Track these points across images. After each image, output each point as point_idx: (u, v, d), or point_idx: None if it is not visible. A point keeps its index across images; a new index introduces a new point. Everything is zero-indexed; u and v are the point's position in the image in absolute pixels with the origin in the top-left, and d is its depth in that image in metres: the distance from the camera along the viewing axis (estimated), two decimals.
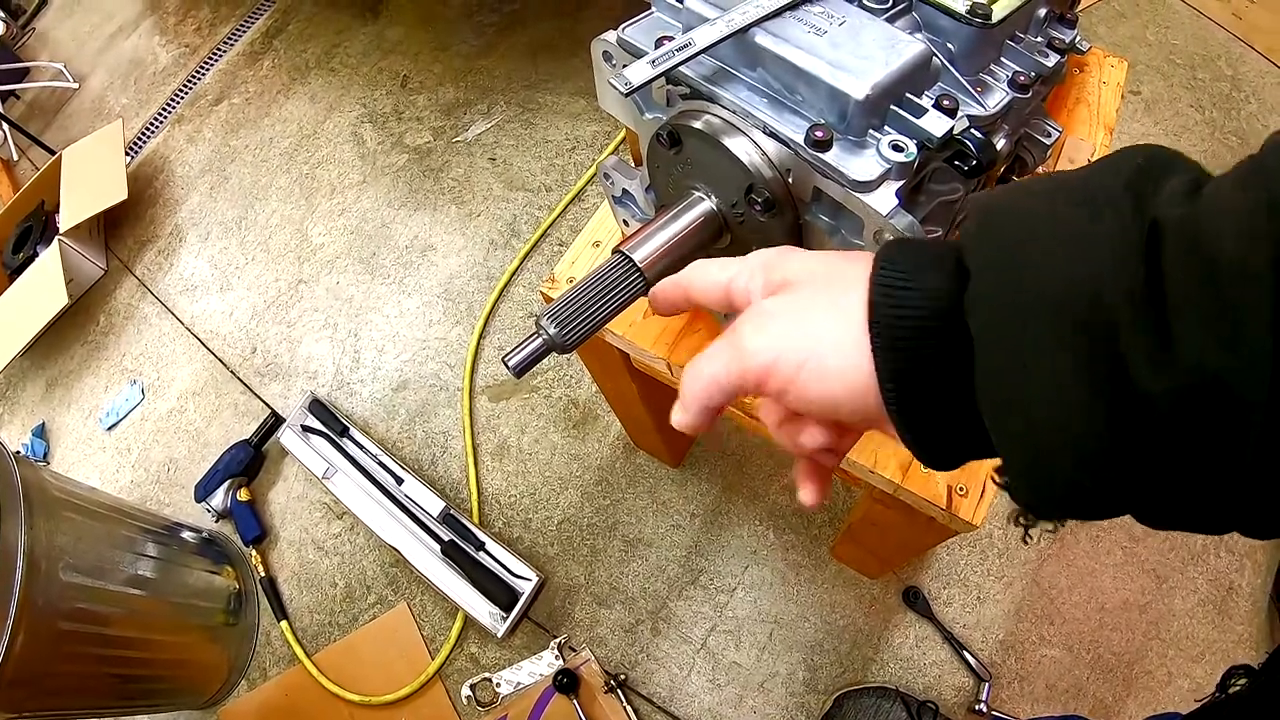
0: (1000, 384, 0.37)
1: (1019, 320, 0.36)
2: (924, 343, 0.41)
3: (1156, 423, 0.32)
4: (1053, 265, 0.35)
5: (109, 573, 1.58)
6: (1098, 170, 0.38)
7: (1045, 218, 0.37)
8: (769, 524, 1.82)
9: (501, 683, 1.74)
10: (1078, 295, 0.34)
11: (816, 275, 0.47)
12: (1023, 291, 0.36)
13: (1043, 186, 0.39)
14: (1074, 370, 0.34)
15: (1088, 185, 0.37)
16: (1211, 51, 2.48)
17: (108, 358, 2.46)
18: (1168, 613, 1.68)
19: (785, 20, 0.64)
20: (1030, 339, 0.35)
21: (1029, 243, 0.37)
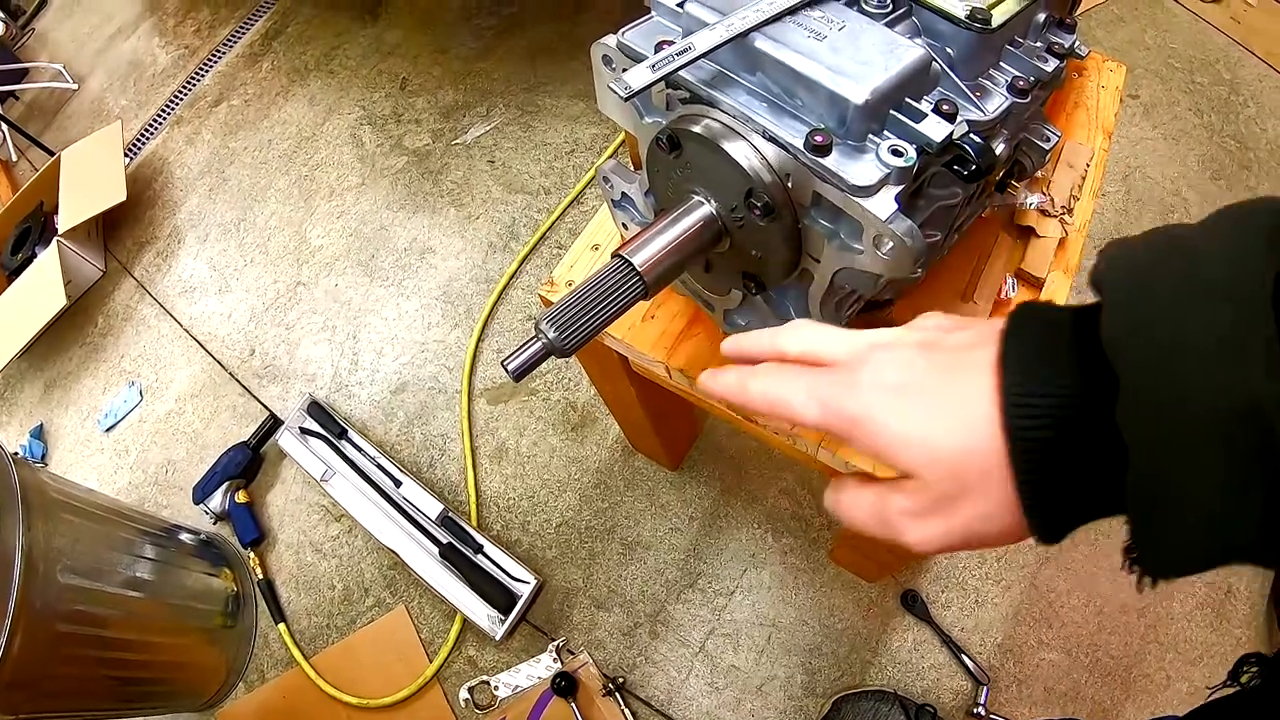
0: (1153, 490, 0.37)
1: (1178, 431, 0.35)
2: (1058, 447, 0.40)
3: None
4: (1198, 375, 0.34)
5: (107, 575, 1.58)
6: (1227, 243, 0.37)
7: (1190, 319, 0.36)
8: (767, 527, 1.82)
9: (499, 685, 1.74)
10: (1225, 408, 0.33)
11: (934, 361, 0.47)
12: (1175, 404, 0.35)
13: (1174, 267, 0.38)
14: (1229, 478, 0.33)
15: (1222, 266, 0.36)
16: (1210, 56, 2.49)
17: (106, 359, 2.46)
18: (1166, 616, 1.68)
19: (785, 25, 0.65)
20: (1183, 451, 0.35)
21: (1174, 350, 0.36)
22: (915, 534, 0.46)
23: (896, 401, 0.45)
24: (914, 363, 0.46)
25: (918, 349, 0.47)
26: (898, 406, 0.45)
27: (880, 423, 0.45)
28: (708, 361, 0.97)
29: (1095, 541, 1.75)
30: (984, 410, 0.42)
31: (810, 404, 0.48)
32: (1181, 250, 0.38)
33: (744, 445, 1.91)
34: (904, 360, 0.46)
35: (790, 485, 1.86)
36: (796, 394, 0.49)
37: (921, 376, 0.45)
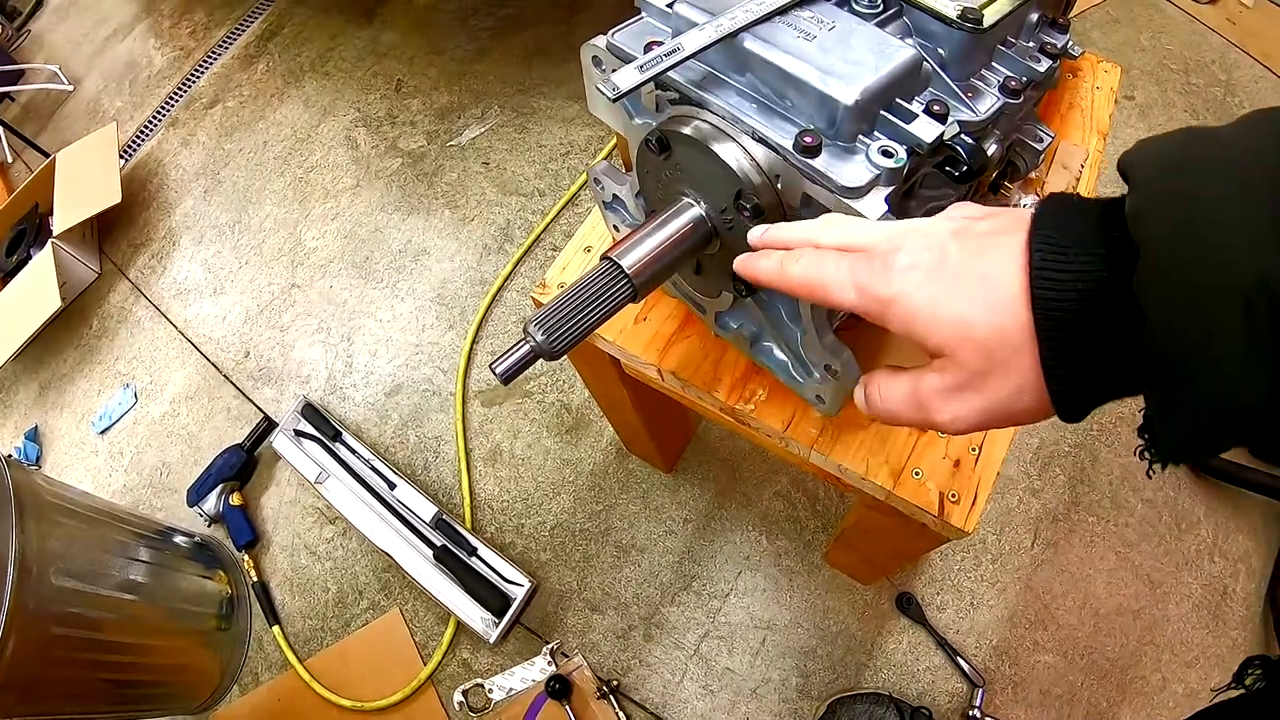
0: (1167, 359, 0.38)
1: (1188, 301, 0.36)
2: (1081, 320, 0.41)
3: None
4: (1222, 249, 0.36)
5: (101, 577, 1.57)
6: (1252, 138, 0.38)
7: (1209, 193, 0.37)
8: (762, 530, 1.82)
9: (494, 688, 1.73)
10: (1245, 278, 0.34)
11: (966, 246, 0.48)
12: (1192, 274, 0.36)
13: (1196, 152, 0.39)
14: (1243, 346, 0.35)
15: (1247, 156, 0.37)
16: (1205, 57, 2.49)
17: (101, 361, 2.46)
18: (1162, 618, 1.68)
19: (775, 25, 0.64)
20: (1206, 320, 0.36)
21: (1193, 225, 0.37)
22: (949, 412, 0.48)
23: (929, 283, 0.46)
24: (946, 246, 0.47)
25: (950, 235, 0.48)
26: (930, 288, 0.46)
27: (914, 304, 0.47)
28: (699, 364, 0.97)
29: (1091, 544, 1.75)
30: (1013, 289, 0.43)
31: (847, 286, 0.50)
32: (1208, 140, 0.40)
33: (738, 448, 1.91)
34: (937, 244, 0.47)
35: (784, 488, 1.85)
36: (834, 276, 0.51)
37: (954, 259, 0.46)
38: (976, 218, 0.49)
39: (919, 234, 0.49)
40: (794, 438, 0.92)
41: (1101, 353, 0.42)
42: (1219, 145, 0.39)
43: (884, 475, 0.89)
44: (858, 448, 0.90)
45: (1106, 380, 0.42)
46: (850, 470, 0.90)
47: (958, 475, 0.88)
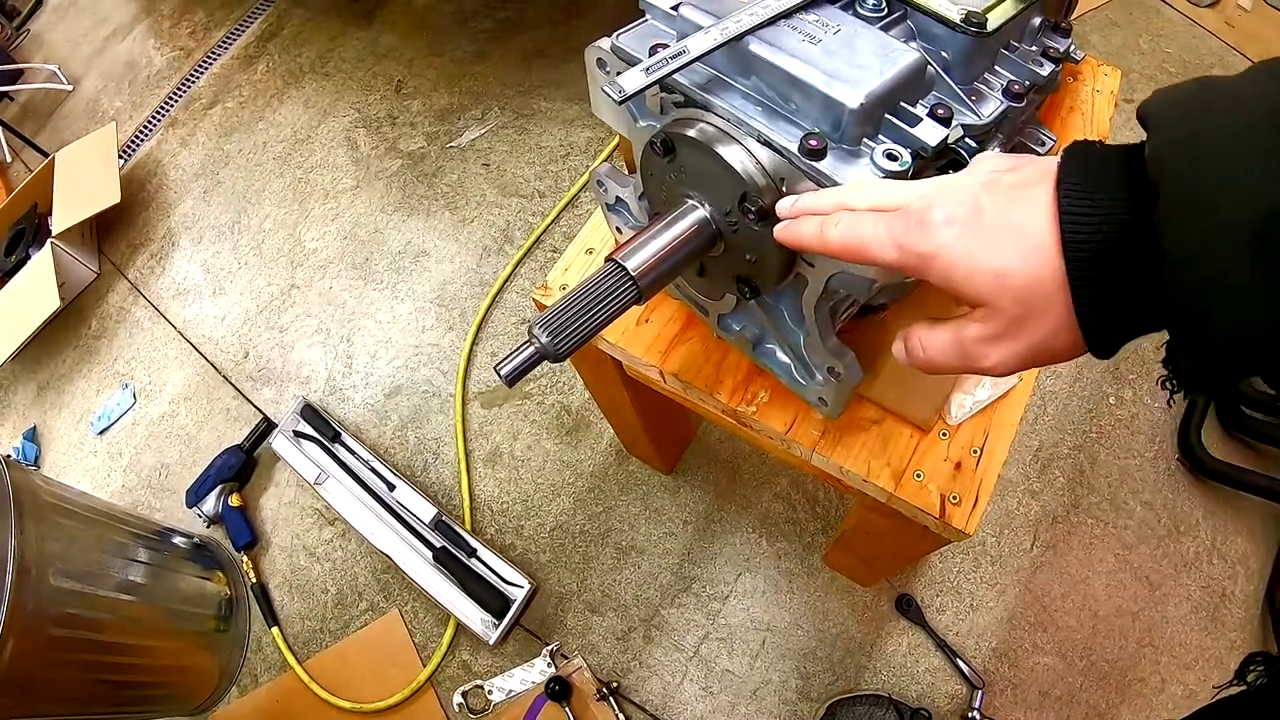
0: (1187, 294, 0.40)
1: (1204, 234, 0.38)
2: (1109, 261, 0.44)
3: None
4: (1231, 184, 0.38)
5: (100, 578, 1.57)
6: (1260, 84, 0.40)
7: (1222, 139, 0.39)
8: (761, 531, 1.82)
9: (493, 690, 1.73)
10: (1257, 210, 0.36)
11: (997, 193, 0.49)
12: (1214, 208, 0.38)
13: (1212, 102, 0.41)
14: (1254, 276, 0.37)
15: (1258, 102, 0.39)
16: (1204, 60, 2.49)
17: (99, 361, 2.45)
18: (1161, 620, 1.69)
19: (780, 28, 0.64)
20: (1219, 251, 0.38)
21: (1206, 165, 0.39)
22: (993, 358, 0.51)
23: (965, 237, 0.48)
24: (979, 199, 0.49)
25: (981, 188, 0.49)
26: (967, 242, 0.48)
27: (952, 258, 0.49)
28: (701, 366, 0.97)
29: (1090, 546, 1.75)
30: (1044, 238, 0.45)
31: (886, 245, 0.51)
32: (1219, 88, 0.42)
33: (738, 449, 1.91)
34: (969, 198, 0.49)
35: (784, 489, 1.85)
36: (873, 236, 0.52)
37: (988, 213, 0.48)
38: (1005, 169, 0.50)
39: (951, 189, 0.51)
40: (796, 440, 0.92)
41: (1129, 291, 0.44)
42: (1228, 91, 0.41)
43: (885, 477, 0.89)
44: (859, 450, 0.90)
45: (1134, 316, 0.45)
46: (852, 472, 0.90)
47: (959, 477, 0.88)
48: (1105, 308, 0.45)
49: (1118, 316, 0.45)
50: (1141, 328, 0.46)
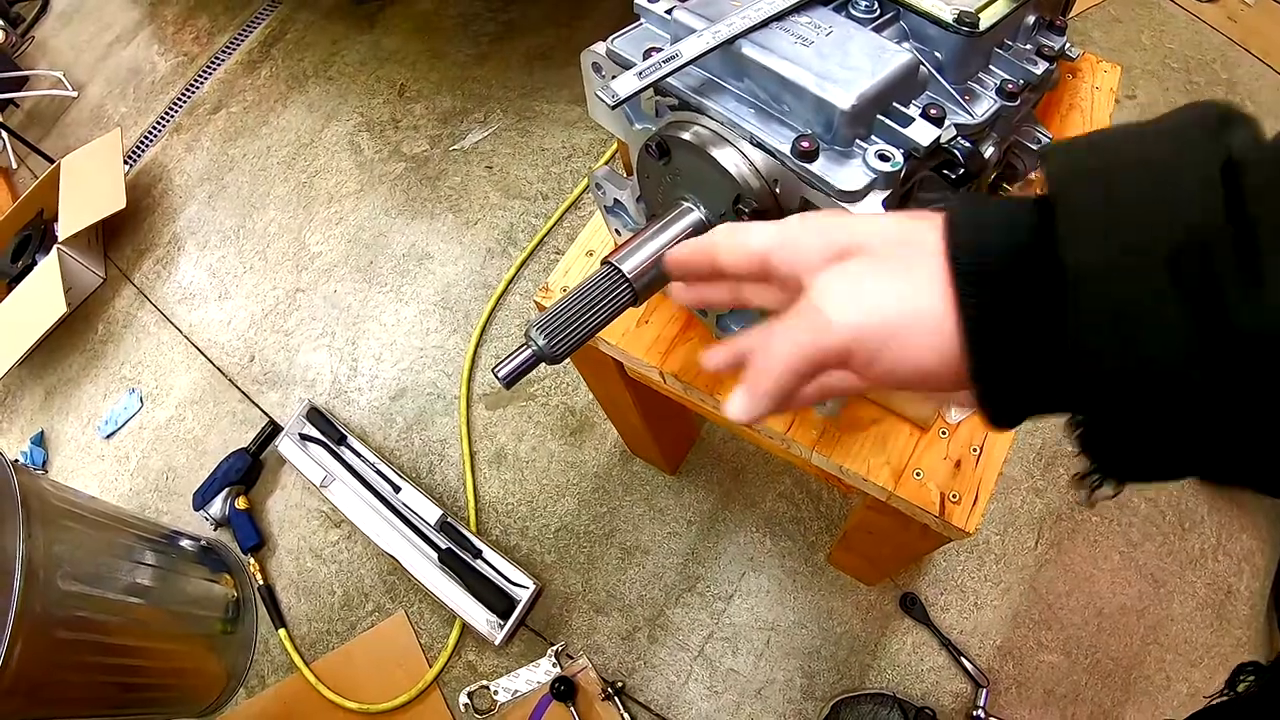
0: (1091, 320, 0.37)
1: (1112, 257, 0.36)
2: (1005, 279, 0.40)
3: (1249, 361, 0.32)
4: (1145, 204, 0.35)
5: (108, 581, 1.58)
6: (1173, 116, 0.38)
7: (1131, 161, 0.37)
8: (765, 531, 1.82)
9: (499, 690, 1.74)
10: (1173, 231, 0.34)
11: (889, 237, 0.45)
12: (1116, 230, 0.36)
13: (1124, 130, 0.40)
14: (1171, 305, 0.34)
15: (1168, 130, 0.38)
16: (1207, 55, 2.49)
17: (106, 366, 2.47)
18: (1166, 617, 1.68)
19: (772, 31, 0.65)
20: (1127, 275, 0.35)
21: (1114, 183, 0.37)
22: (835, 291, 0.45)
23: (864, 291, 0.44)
24: (861, 273, 0.45)
25: (861, 261, 0.46)
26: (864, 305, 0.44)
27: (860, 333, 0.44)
28: (701, 366, 0.97)
29: (1095, 543, 1.75)
30: (938, 264, 0.42)
31: (816, 347, 0.45)
32: (1126, 126, 0.40)
33: (741, 449, 1.91)
34: (854, 274, 0.45)
35: (788, 489, 1.86)
36: (795, 349, 0.46)
37: (886, 264, 0.45)
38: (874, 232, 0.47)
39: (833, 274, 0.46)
40: (796, 439, 0.92)
41: (1027, 338, 0.40)
42: (1135, 125, 0.39)
43: (885, 476, 0.89)
44: (859, 449, 0.91)
45: (1037, 379, 0.40)
46: (851, 471, 0.90)
47: (959, 476, 0.88)
48: (998, 353, 0.41)
49: (1011, 364, 0.41)
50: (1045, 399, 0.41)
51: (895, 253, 0.44)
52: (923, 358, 0.42)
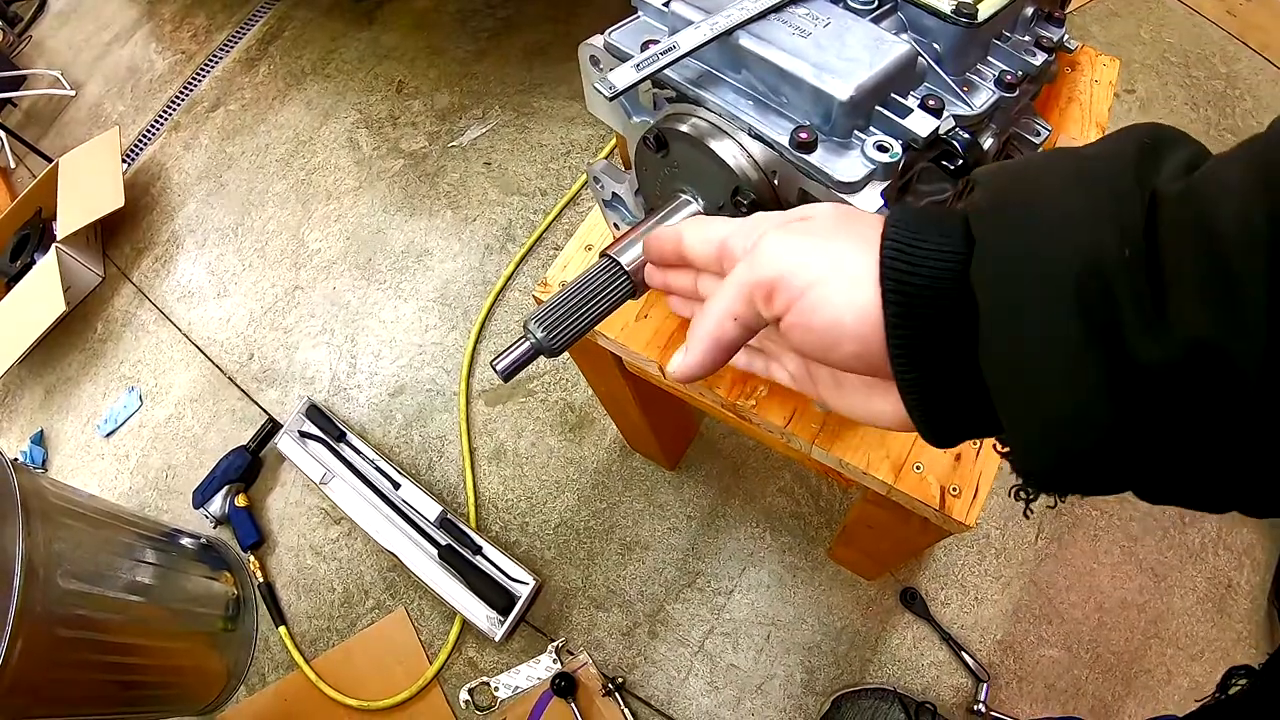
0: (1003, 351, 0.37)
1: (1022, 287, 0.36)
2: (932, 303, 0.40)
3: (1155, 394, 0.33)
4: (1057, 234, 0.36)
5: (108, 579, 1.58)
6: (1104, 145, 0.38)
7: (1050, 188, 0.37)
8: (766, 526, 1.82)
9: (499, 686, 1.74)
10: (1079, 264, 0.34)
11: (836, 212, 0.47)
12: (1027, 259, 0.36)
13: (1049, 159, 0.40)
14: (1075, 339, 0.34)
15: (1094, 159, 0.38)
16: (1206, 49, 2.48)
17: (105, 365, 2.46)
18: (1166, 611, 1.68)
19: (770, 22, 0.65)
20: (1033, 306, 0.35)
21: (1034, 212, 0.37)
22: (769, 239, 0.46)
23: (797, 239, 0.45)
24: (802, 229, 0.46)
25: (804, 223, 0.47)
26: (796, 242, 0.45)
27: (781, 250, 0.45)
28: None
29: (1095, 537, 1.75)
30: (877, 241, 0.42)
31: (743, 284, 0.46)
32: (1061, 149, 0.40)
33: (741, 444, 1.91)
34: (795, 229, 0.47)
35: (788, 484, 1.86)
36: (727, 293, 0.47)
37: (828, 226, 0.46)
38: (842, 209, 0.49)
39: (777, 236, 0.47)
40: (795, 433, 0.92)
41: (957, 360, 0.40)
42: (1067, 151, 0.40)
43: (885, 470, 0.89)
44: (858, 442, 0.91)
45: (968, 399, 0.41)
46: (851, 465, 0.90)
47: (959, 469, 0.88)
48: (926, 369, 0.41)
49: (941, 382, 0.41)
50: (978, 422, 0.42)
51: (839, 222, 0.46)
52: (841, 310, 0.42)
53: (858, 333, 0.42)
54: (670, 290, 0.58)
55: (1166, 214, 0.33)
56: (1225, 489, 0.34)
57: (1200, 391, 0.31)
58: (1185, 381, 0.32)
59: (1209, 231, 0.31)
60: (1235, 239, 0.30)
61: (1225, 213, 0.30)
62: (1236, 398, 0.31)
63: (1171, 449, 0.34)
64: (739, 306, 0.47)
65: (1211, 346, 0.30)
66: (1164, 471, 0.35)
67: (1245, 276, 0.29)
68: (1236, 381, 0.30)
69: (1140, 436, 0.34)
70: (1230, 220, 0.30)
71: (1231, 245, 0.30)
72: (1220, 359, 0.30)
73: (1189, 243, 0.31)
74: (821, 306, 0.43)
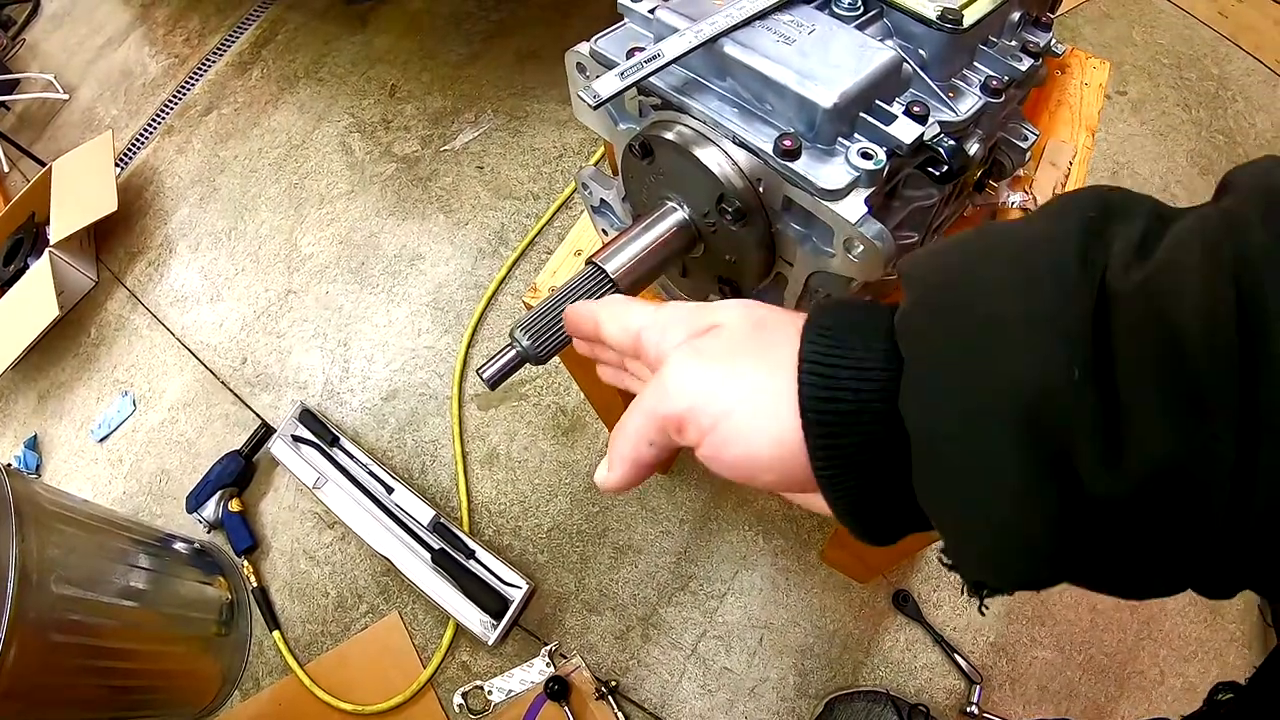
0: (940, 486, 0.35)
1: (957, 421, 0.33)
2: (860, 429, 0.37)
3: (1110, 521, 0.30)
4: (994, 357, 0.32)
5: (101, 584, 1.58)
6: (1045, 223, 0.35)
7: (985, 289, 0.34)
8: (758, 529, 1.82)
9: (493, 690, 1.74)
10: (1021, 393, 0.31)
11: (748, 320, 0.45)
12: (962, 387, 0.33)
13: (983, 249, 0.36)
14: (1020, 476, 0.31)
15: (1034, 243, 0.34)
16: (1198, 51, 2.49)
17: (99, 369, 2.46)
18: (1159, 612, 1.69)
19: (755, 30, 0.65)
20: (971, 439, 0.33)
21: (967, 327, 0.34)
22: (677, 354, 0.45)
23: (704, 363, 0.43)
24: (712, 349, 0.44)
25: (716, 337, 0.45)
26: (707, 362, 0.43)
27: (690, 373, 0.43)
28: None
29: None
30: (789, 360, 0.40)
31: (653, 416, 0.45)
32: (1000, 232, 0.37)
33: None
34: (704, 349, 0.44)
35: None
36: (638, 420, 0.46)
37: (738, 343, 0.44)
38: (759, 313, 0.46)
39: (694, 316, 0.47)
40: None
41: (889, 472, 0.37)
42: (1005, 232, 0.36)
43: None
44: None
45: (904, 504, 0.38)
46: None
47: None
48: (856, 485, 0.38)
49: (873, 495, 0.39)
50: (918, 521, 0.39)
51: (751, 334, 0.44)
52: (755, 442, 0.40)
53: (776, 463, 0.40)
54: (598, 359, 0.57)
55: (1121, 316, 0.30)
56: (1180, 583, 0.32)
57: (1161, 513, 0.29)
58: (1145, 508, 0.29)
59: (1170, 339, 0.28)
60: (1201, 345, 0.27)
61: (1188, 315, 0.28)
62: (1201, 514, 0.28)
63: (1127, 560, 0.32)
64: (652, 434, 0.45)
65: (1176, 469, 0.28)
66: (1117, 578, 0.33)
67: (1213, 388, 0.27)
68: (1201, 500, 0.28)
69: (1092, 558, 0.32)
70: (1194, 322, 0.27)
71: (1197, 353, 0.27)
72: (1184, 480, 0.28)
73: (1148, 354, 0.29)
74: (734, 441, 0.41)
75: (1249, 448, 0.26)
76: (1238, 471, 0.27)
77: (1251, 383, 0.26)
